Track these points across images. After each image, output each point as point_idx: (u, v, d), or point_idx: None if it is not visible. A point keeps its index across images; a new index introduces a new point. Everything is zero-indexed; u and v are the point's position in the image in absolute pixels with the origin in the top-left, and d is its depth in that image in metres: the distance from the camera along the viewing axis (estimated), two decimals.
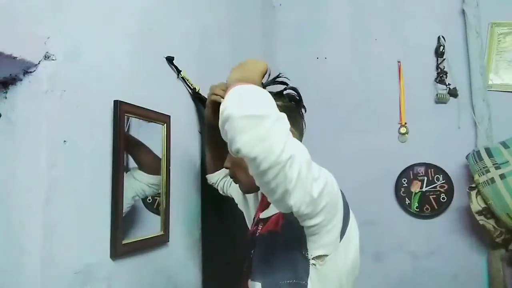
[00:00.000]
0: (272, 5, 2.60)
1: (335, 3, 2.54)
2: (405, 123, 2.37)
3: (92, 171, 0.99)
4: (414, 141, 2.36)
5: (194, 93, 1.47)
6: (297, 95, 1.07)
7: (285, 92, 1.07)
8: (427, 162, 2.32)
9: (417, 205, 2.31)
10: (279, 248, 0.90)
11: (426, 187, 2.32)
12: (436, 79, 2.33)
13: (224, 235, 1.58)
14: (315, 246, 0.86)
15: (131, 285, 1.11)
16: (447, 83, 2.31)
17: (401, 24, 2.41)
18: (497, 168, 1.90)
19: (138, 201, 1.15)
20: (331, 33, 2.50)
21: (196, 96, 1.48)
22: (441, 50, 2.32)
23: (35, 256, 0.84)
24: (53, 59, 0.88)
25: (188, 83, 1.44)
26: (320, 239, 0.85)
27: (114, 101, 1.06)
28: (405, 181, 2.35)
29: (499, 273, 2.07)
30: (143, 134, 1.18)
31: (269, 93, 0.79)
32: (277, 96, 0.99)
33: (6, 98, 0.88)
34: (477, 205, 1.99)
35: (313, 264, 0.85)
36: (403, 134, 2.37)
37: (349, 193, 0.99)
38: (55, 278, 0.87)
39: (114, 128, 1.05)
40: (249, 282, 0.95)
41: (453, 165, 2.28)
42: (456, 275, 2.19)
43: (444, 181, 2.29)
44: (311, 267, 0.85)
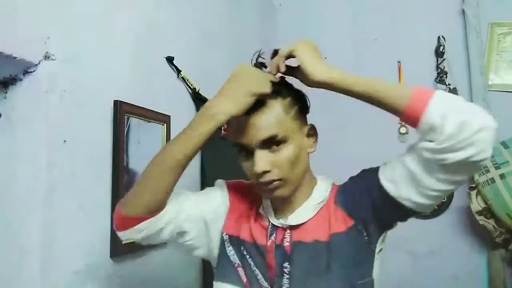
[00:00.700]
0: (272, 5, 2.60)
1: (335, 3, 2.54)
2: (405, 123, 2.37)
3: (92, 171, 0.99)
4: (414, 141, 2.35)
5: (194, 93, 1.47)
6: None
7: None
8: None
9: None
10: (344, 249, 0.84)
11: None
12: (436, 79, 2.32)
13: None
14: (383, 239, 0.89)
15: (131, 285, 1.11)
16: (447, 83, 2.30)
17: (401, 24, 2.41)
18: (497, 168, 1.90)
19: None
20: (331, 33, 2.49)
21: (196, 96, 1.48)
22: (441, 50, 2.31)
23: (35, 256, 0.84)
24: (53, 59, 0.88)
25: (188, 83, 1.44)
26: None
27: (114, 101, 1.06)
28: None
29: (499, 273, 2.07)
30: (143, 134, 1.18)
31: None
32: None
33: (6, 98, 0.89)
34: (477, 205, 1.99)
35: (376, 258, 0.87)
36: (403, 134, 2.36)
37: None
38: (55, 277, 0.87)
39: (114, 128, 1.05)
40: None
41: None
42: (456, 275, 2.19)
43: None
44: (375, 261, 0.87)
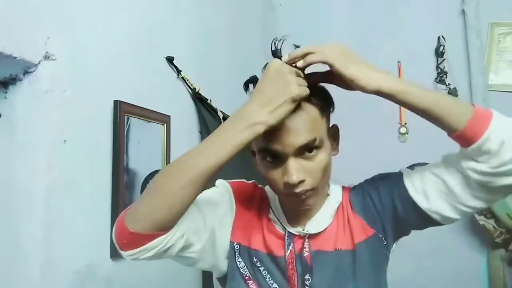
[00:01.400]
0: (272, 5, 2.60)
1: (335, 3, 2.54)
2: (405, 123, 2.36)
3: (92, 171, 0.99)
4: (414, 141, 2.35)
5: (194, 93, 1.47)
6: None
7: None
8: (427, 162, 2.31)
9: None
10: (366, 258, 0.85)
11: None
12: (436, 79, 2.32)
13: None
14: (396, 244, 0.90)
15: (131, 285, 1.11)
16: (447, 83, 2.30)
17: (401, 24, 2.41)
18: None
19: None
20: (331, 33, 2.49)
21: (196, 96, 1.48)
22: (441, 50, 2.31)
23: (34, 256, 0.84)
24: (53, 59, 0.88)
25: (188, 83, 1.44)
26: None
27: (114, 101, 1.06)
28: None
29: (499, 273, 2.07)
30: (143, 134, 1.18)
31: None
32: None
33: (6, 98, 0.89)
34: None
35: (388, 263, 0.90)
36: (403, 134, 2.36)
37: None
38: (55, 277, 0.87)
39: (114, 128, 1.05)
40: None
41: None
42: (456, 274, 2.18)
43: None
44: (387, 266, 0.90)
